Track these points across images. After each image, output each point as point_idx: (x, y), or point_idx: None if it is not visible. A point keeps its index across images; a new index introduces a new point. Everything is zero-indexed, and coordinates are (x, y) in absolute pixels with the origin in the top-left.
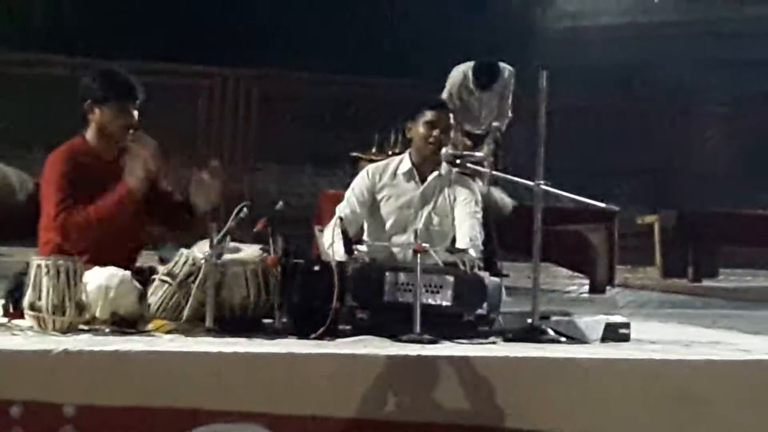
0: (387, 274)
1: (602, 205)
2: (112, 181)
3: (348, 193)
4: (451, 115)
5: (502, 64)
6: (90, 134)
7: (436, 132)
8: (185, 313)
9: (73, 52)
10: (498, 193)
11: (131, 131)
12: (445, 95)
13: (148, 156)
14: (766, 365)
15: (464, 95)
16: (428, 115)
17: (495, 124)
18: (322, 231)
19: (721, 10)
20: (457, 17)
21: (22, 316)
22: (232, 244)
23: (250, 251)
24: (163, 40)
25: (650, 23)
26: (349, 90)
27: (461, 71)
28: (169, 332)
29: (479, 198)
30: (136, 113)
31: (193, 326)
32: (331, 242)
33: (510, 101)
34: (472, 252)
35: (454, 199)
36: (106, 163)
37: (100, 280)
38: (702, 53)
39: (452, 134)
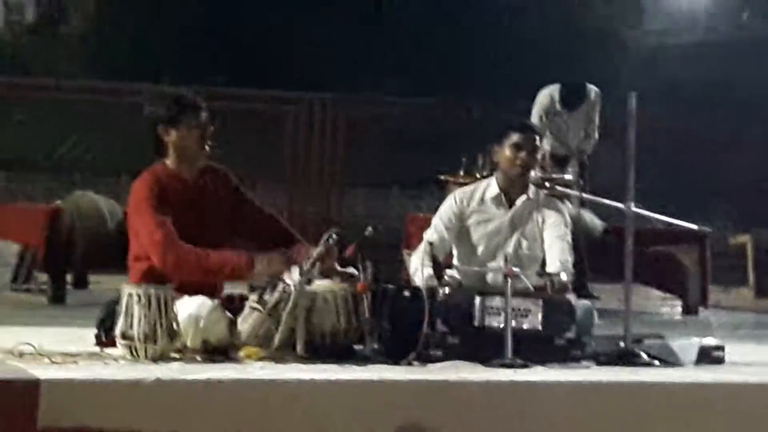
0: (477, 298)
1: (694, 226)
2: (196, 202)
3: (435, 220)
4: (537, 138)
5: (588, 86)
6: (170, 159)
7: (522, 154)
8: (276, 340)
9: (161, 80)
10: (588, 215)
11: (209, 144)
12: (534, 118)
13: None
14: None
15: (551, 117)
16: (514, 137)
17: (581, 146)
18: (410, 255)
19: None
20: (542, 39)
21: (114, 344)
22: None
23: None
24: (248, 66)
25: (737, 40)
26: (436, 113)
27: (548, 93)
28: (260, 360)
29: (568, 220)
30: (209, 125)
31: (284, 353)
32: (417, 267)
33: (597, 123)
34: (562, 275)
35: (543, 222)
36: (188, 185)
37: (190, 309)
38: None
39: (539, 156)
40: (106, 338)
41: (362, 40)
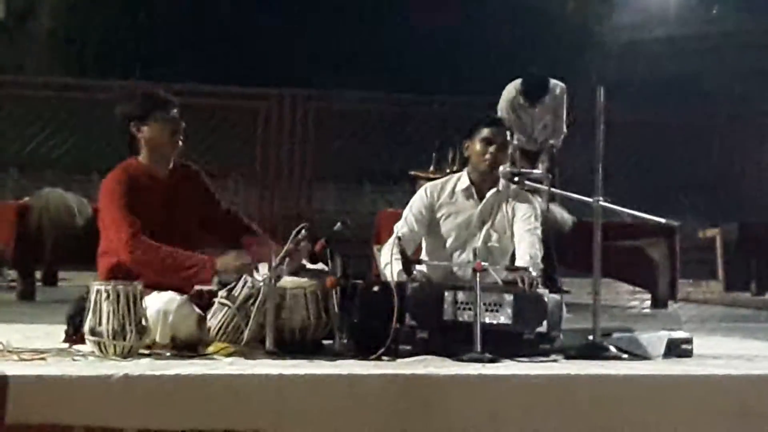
0: (446, 293)
1: (662, 220)
2: (167, 199)
3: (406, 212)
4: (507, 133)
5: (553, 81)
6: (143, 155)
7: (492, 149)
8: (245, 335)
9: (131, 76)
10: (557, 210)
11: (180, 139)
12: (500, 112)
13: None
14: None
15: (517, 111)
16: (484, 132)
17: (550, 141)
18: (380, 250)
19: None
20: (514, 34)
21: (82, 341)
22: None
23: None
24: (218, 62)
25: (708, 34)
26: (407, 108)
27: (512, 86)
28: (229, 355)
29: (539, 213)
30: (180, 121)
31: (253, 349)
32: (387, 262)
33: (564, 118)
34: (531, 270)
35: (513, 215)
36: (160, 182)
37: (159, 304)
38: (761, 63)
39: (509, 151)
40: (74, 335)
41: (334, 35)
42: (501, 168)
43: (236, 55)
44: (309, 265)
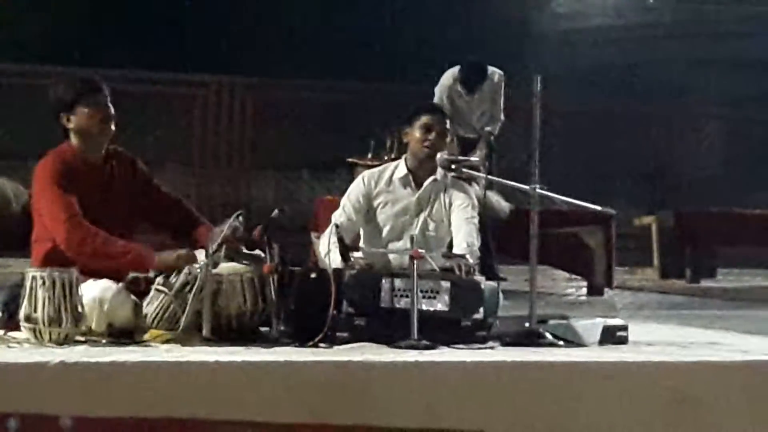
0: (383, 280)
1: (598, 207)
2: (102, 186)
3: (344, 201)
4: (447, 120)
5: (491, 68)
6: (74, 142)
7: (431, 136)
8: (182, 322)
9: (69, 63)
10: (495, 197)
11: (112, 125)
12: (436, 99)
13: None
14: (763, 366)
15: (455, 98)
16: (423, 119)
17: (487, 128)
18: (318, 238)
19: (716, 9)
20: (452, 21)
21: (18, 328)
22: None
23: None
24: (157, 49)
25: (645, 24)
26: (345, 95)
27: (450, 74)
28: (165, 342)
29: (476, 202)
30: (110, 107)
31: (189, 336)
32: (327, 250)
33: (501, 105)
34: (469, 258)
35: (450, 204)
36: (95, 168)
37: (94, 292)
38: (698, 53)
39: (448, 138)
40: (9, 321)
41: (271, 22)
42: (438, 155)
43: (176, 41)
44: (245, 251)
